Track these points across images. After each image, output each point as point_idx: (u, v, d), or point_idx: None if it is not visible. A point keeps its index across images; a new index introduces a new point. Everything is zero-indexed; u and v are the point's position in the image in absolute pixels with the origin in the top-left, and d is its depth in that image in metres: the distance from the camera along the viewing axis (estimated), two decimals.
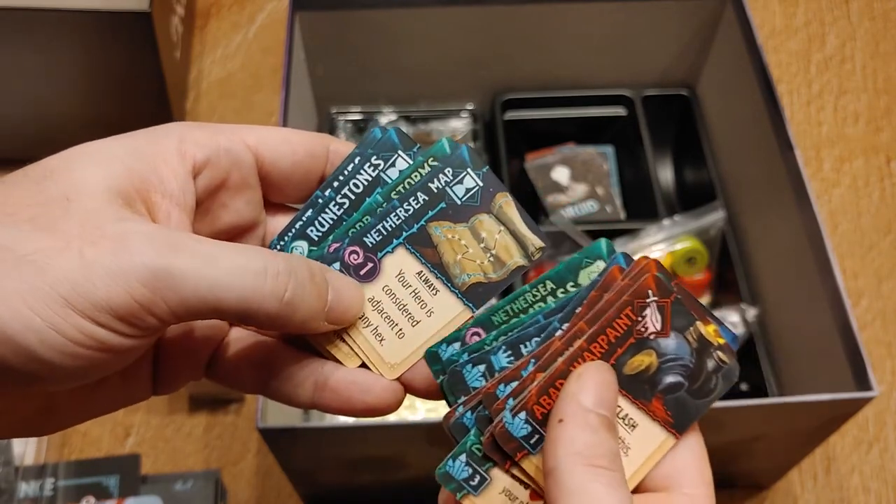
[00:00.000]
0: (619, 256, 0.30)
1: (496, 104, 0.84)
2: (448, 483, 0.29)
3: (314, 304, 0.28)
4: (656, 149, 0.83)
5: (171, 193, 0.28)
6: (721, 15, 0.79)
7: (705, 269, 0.77)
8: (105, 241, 0.24)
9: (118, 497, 0.66)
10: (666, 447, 0.30)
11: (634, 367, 0.29)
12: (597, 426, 0.27)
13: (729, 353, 0.30)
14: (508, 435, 0.28)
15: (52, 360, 0.24)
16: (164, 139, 0.28)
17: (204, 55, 0.94)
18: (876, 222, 0.86)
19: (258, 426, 0.54)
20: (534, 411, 0.28)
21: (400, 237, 0.31)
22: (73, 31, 0.73)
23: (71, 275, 0.24)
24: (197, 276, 0.25)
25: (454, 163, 0.31)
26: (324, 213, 0.32)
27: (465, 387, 0.30)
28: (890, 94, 0.94)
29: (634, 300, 0.29)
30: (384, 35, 0.78)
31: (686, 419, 0.30)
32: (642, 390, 0.30)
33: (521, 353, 0.30)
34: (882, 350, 0.79)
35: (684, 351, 0.30)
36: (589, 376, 0.28)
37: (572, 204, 0.81)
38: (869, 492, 0.73)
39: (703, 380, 0.30)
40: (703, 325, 0.30)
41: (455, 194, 0.31)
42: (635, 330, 0.29)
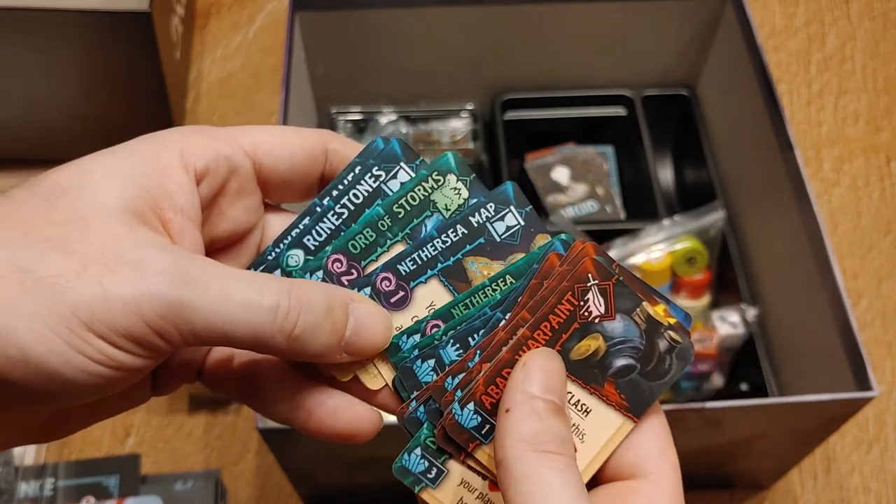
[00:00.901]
0: (557, 242, 0.30)
1: (496, 104, 0.84)
2: (405, 477, 0.30)
3: (327, 340, 0.28)
4: (656, 149, 0.83)
5: (181, 209, 0.28)
6: (721, 15, 0.79)
7: (705, 269, 0.77)
8: (123, 270, 0.25)
9: (118, 497, 0.66)
10: (624, 431, 0.30)
11: (581, 352, 0.29)
12: (543, 412, 0.27)
13: (681, 332, 0.30)
14: (459, 427, 0.29)
15: (73, 378, 0.25)
16: (167, 153, 0.28)
17: (204, 55, 0.94)
18: (876, 222, 0.86)
19: (258, 426, 0.54)
20: (482, 402, 0.29)
21: (434, 268, 0.31)
22: (73, 31, 0.73)
23: (90, 300, 0.24)
24: (208, 310, 0.25)
25: (497, 198, 0.31)
26: (322, 223, 0.31)
27: (416, 381, 0.30)
28: (890, 94, 0.94)
29: (574, 285, 0.29)
30: (384, 35, 0.78)
31: (642, 402, 0.30)
32: (593, 375, 0.29)
33: (469, 345, 0.30)
34: (882, 350, 0.79)
35: (633, 333, 0.30)
36: (533, 363, 0.28)
37: (572, 204, 0.81)
38: (869, 492, 0.73)
39: (656, 361, 0.30)
40: (651, 306, 0.30)
41: (495, 231, 0.31)
42: (578, 315, 0.29)
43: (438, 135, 0.85)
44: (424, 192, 0.31)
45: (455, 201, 0.31)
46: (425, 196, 0.31)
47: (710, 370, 0.72)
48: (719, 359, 0.72)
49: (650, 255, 0.75)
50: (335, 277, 0.31)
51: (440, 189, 0.31)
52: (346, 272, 0.31)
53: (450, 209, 0.31)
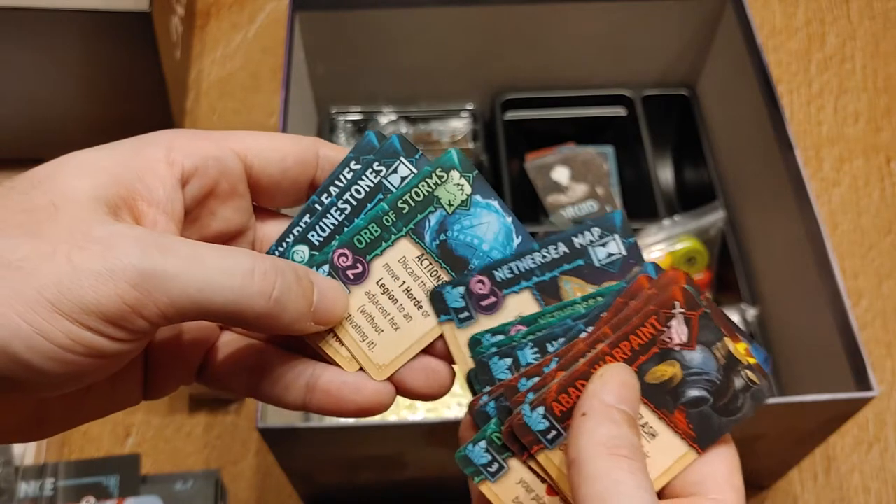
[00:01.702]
0: (649, 266, 0.30)
1: (496, 104, 0.84)
2: (467, 466, 0.30)
3: (300, 304, 0.28)
4: (656, 149, 0.83)
5: (157, 201, 0.28)
6: (721, 15, 0.79)
7: (705, 269, 0.77)
8: (92, 245, 0.24)
9: (118, 497, 0.66)
10: (686, 461, 0.30)
11: (657, 376, 0.29)
12: (619, 420, 0.27)
13: (759, 374, 0.30)
14: (526, 428, 0.29)
15: (40, 366, 0.24)
16: (152, 148, 0.28)
17: (204, 55, 0.94)
18: (876, 222, 0.86)
19: (258, 426, 0.54)
20: (552, 408, 0.29)
21: (529, 281, 0.31)
22: (73, 31, 0.73)
23: (58, 279, 0.24)
24: (185, 276, 0.25)
25: (604, 224, 0.31)
26: (325, 218, 0.32)
27: (490, 377, 0.31)
28: (890, 94, 0.94)
29: (660, 310, 0.29)
30: (384, 35, 0.78)
31: (709, 435, 0.30)
32: (664, 401, 0.30)
33: (547, 350, 0.30)
34: (882, 350, 0.79)
35: (710, 366, 0.30)
36: (611, 376, 0.28)
37: (572, 204, 0.81)
38: (869, 492, 0.73)
39: (730, 397, 0.30)
40: (733, 343, 0.30)
41: (596, 255, 0.31)
42: (659, 340, 0.29)
43: (438, 135, 0.85)
44: (428, 188, 0.31)
45: (458, 197, 0.31)
46: (429, 192, 0.31)
47: None
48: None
49: (650, 255, 0.75)
50: (341, 271, 0.31)
51: (444, 185, 0.31)
52: (351, 266, 0.31)
53: (453, 204, 0.31)
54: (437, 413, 0.70)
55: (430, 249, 0.32)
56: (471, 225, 0.32)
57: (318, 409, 0.31)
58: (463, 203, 0.31)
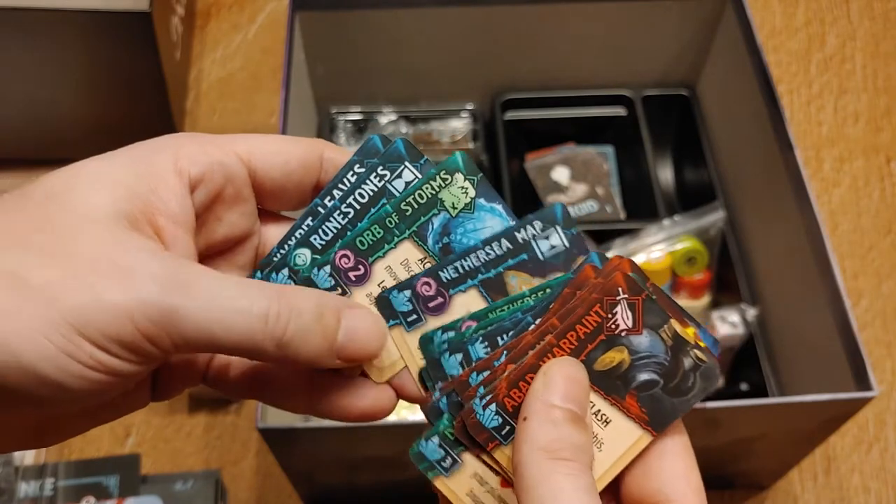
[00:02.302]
0: (594, 255, 0.31)
1: (496, 104, 0.84)
2: (420, 462, 0.30)
3: (317, 345, 0.28)
4: (656, 149, 0.83)
5: (173, 215, 0.28)
6: (721, 15, 0.79)
7: (705, 269, 0.77)
8: (114, 276, 0.25)
9: (118, 497, 0.66)
10: (642, 444, 0.30)
11: (606, 363, 0.30)
12: (560, 421, 0.28)
13: (707, 353, 0.30)
14: (480, 426, 0.29)
15: (65, 383, 0.25)
16: (160, 158, 0.28)
17: (204, 55, 0.94)
18: (876, 222, 0.86)
19: (258, 426, 0.54)
20: (504, 403, 0.29)
21: (475, 279, 0.31)
22: (73, 31, 0.73)
23: (82, 307, 0.24)
24: (199, 317, 0.26)
25: (545, 217, 0.31)
26: (328, 222, 0.32)
27: (442, 373, 0.31)
28: (890, 94, 0.94)
29: (604, 297, 0.29)
30: (384, 35, 0.78)
31: (663, 417, 0.30)
32: (615, 387, 0.30)
33: (498, 344, 0.30)
34: (882, 350, 0.79)
35: (658, 349, 0.30)
36: (555, 372, 0.29)
37: (572, 204, 0.81)
38: (869, 492, 0.73)
39: (680, 378, 0.30)
40: (681, 327, 0.30)
41: (539, 249, 0.31)
42: (605, 327, 0.30)
43: (438, 135, 0.85)
44: (432, 190, 0.31)
45: (462, 200, 0.31)
46: (433, 194, 0.31)
47: None
48: (719, 359, 0.72)
49: (650, 255, 0.75)
50: (342, 273, 0.31)
51: (447, 188, 0.31)
52: (353, 268, 0.31)
53: (457, 207, 0.31)
54: None
55: (433, 252, 0.31)
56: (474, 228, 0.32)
57: (322, 414, 0.31)
58: (467, 206, 0.31)
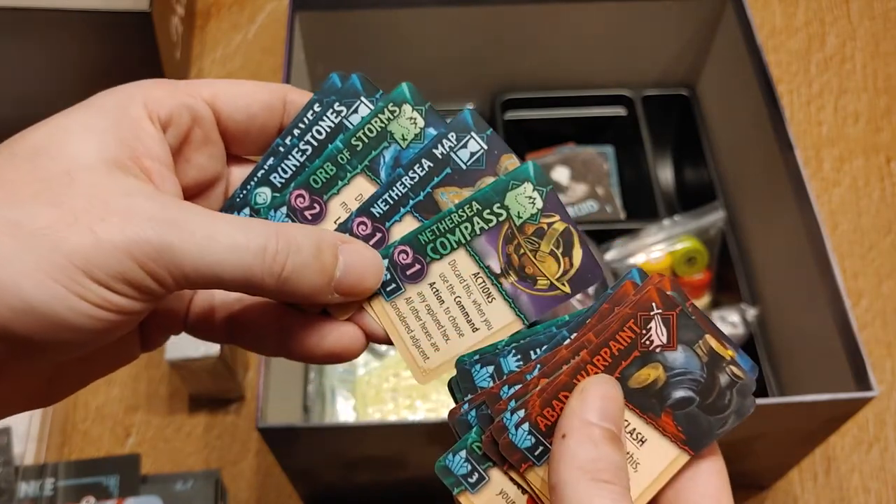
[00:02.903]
0: (634, 271, 0.30)
1: (496, 104, 0.84)
2: (446, 477, 0.29)
3: (315, 281, 0.28)
4: (656, 149, 0.83)
5: (157, 156, 0.29)
6: (721, 15, 0.79)
7: (705, 269, 0.77)
8: (112, 218, 0.25)
9: (118, 497, 0.66)
10: (679, 464, 0.29)
11: (641, 380, 0.29)
12: (599, 440, 0.27)
13: (743, 370, 0.30)
14: (513, 447, 0.28)
15: (78, 324, 0.25)
16: (133, 104, 0.29)
17: (204, 55, 0.94)
18: (876, 222, 0.86)
19: (258, 426, 0.54)
20: (537, 423, 0.28)
21: (407, 205, 0.31)
22: (73, 31, 0.73)
23: (84, 248, 0.25)
24: (197, 253, 0.26)
25: (457, 127, 0.31)
26: (287, 160, 0.32)
27: (472, 385, 0.30)
28: (890, 94, 0.94)
29: (637, 312, 0.29)
30: (384, 35, 0.78)
31: (699, 435, 0.29)
32: (650, 404, 0.29)
33: (531, 358, 0.30)
34: (882, 350, 0.79)
35: (694, 365, 0.29)
36: (591, 390, 0.28)
37: (572, 204, 0.81)
38: (869, 492, 0.73)
39: (716, 395, 0.29)
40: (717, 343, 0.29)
41: (460, 159, 0.31)
42: (640, 343, 0.29)
43: None
44: (381, 123, 0.31)
45: (412, 131, 0.31)
46: (382, 127, 0.31)
47: None
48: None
49: (650, 255, 0.75)
50: (298, 212, 0.31)
51: (396, 119, 0.31)
52: (308, 206, 0.31)
53: (406, 139, 0.31)
54: (436, 413, 0.70)
55: None
56: None
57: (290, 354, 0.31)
58: (416, 136, 0.31)
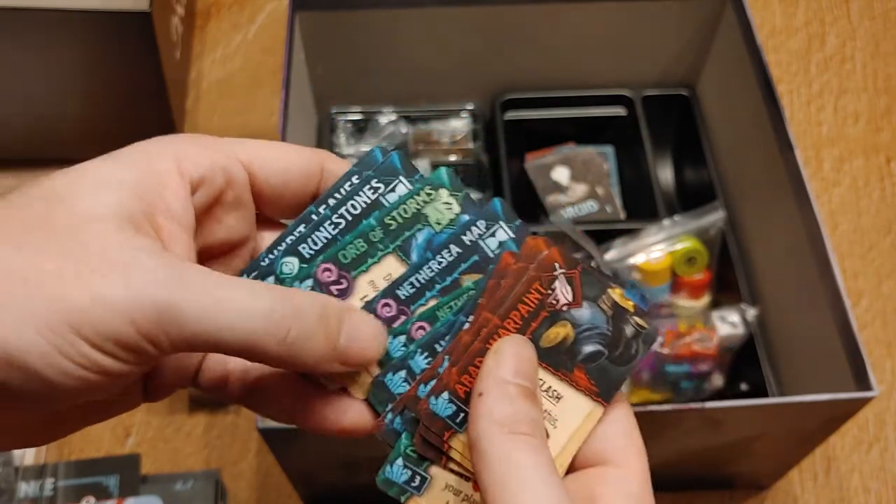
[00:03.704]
0: (509, 242, 0.31)
1: (496, 104, 0.84)
2: (390, 488, 0.30)
3: (320, 347, 0.28)
4: (656, 149, 0.83)
5: (175, 215, 0.28)
6: (721, 15, 0.79)
7: (705, 269, 0.77)
8: (115, 274, 0.25)
9: (118, 497, 0.66)
10: (595, 416, 0.30)
11: (551, 339, 0.30)
12: (515, 396, 0.28)
13: (645, 318, 0.31)
14: (434, 415, 0.29)
15: (57, 381, 0.25)
16: (163, 160, 0.28)
17: (204, 55, 0.94)
18: (876, 222, 0.86)
19: (258, 426, 0.54)
20: (456, 390, 0.29)
21: (433, 290, 0.31)
22: (73, 31, 0.73)
23: (80, 305, 0.24)
24: (200, 315, 0.25)
25: (488, 215, 0.31)
26: (318, 231, 0.31)
27: (389, 394, 0.30)
28: (890, 94, 0.94)
29: (541, 274, 0.30)
30: (384, 35, 0.78)
31: (610, 386, 0.30)
32: (562, 361, 0.30)
33: (436, 351, 0.30)
34: (882, 350, 0.79)
35: (600, 320, 0.30)
36: (505, 350, 0.29)
37: (572, 204, 0.81)
38: (869, 492, 0.73)
39: (624, 346, 0.31)
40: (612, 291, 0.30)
41: (488, 247, 0.31)
42: (547, 303, 0.30)
43: (438, 135, 0.85)
44: (417, 205, 0.31)
45: (446, 216, 0.31)
46: (417, 209, 0.31)
47: (710, 370, 0.72)
48: (719, 359, 0.72)
49: (650, 255, 0.75)
50: (324, 286, 0.31)
51: (432, 203, 0.31)
52: (335, 281, 0.31)
53: (441, 223, 0.31)
54: None
55: None
56: None
57: (303, 425, 0.31)
58: (451, 222, 0.31)
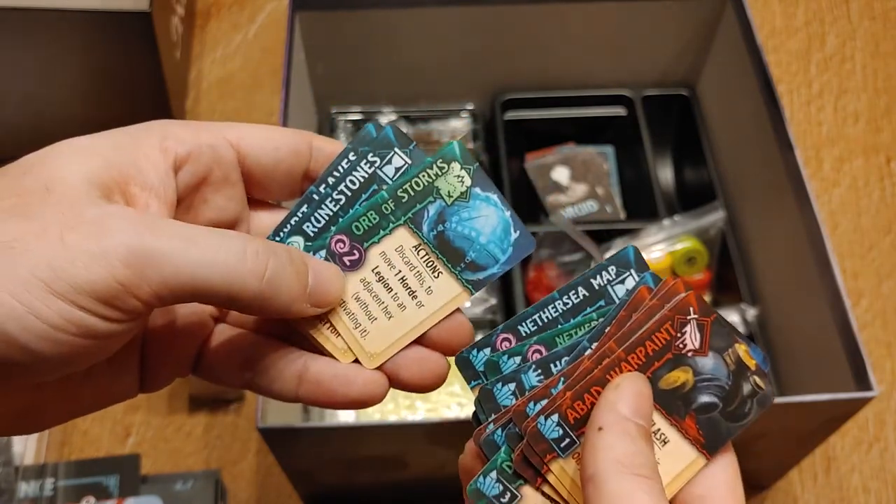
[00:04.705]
0: (647, 276, 0.30)
1: (496, 104, 0.84)
2: (479, 499, 0.29)
3: (294, 285, 0.28)
4: (656, 149, 0.83)
5: (150, 185, 0.28)
6: (721, 15, 0.79)
7: (705, 269, 0.77)
8: (84, 225, 0.25)
9: (118, 497, 0.66)
10: (696, 467, 0.30)
11: (670, 382, 0.29)
12: (635, 435, 0.27)
13: (764, 379, 0.30)
14: (540, 436, 0.29)
15: (34, 347, 0.24)
16: (147, 135, 0.28)
17: (204, 55, 0.94)
18: (876, 222, 0.86)
19: (258, 426, 0.54)
20: (566, 415, 0.29)
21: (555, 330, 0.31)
22: (73, 31, 0.73)
23: (51, 258, 0.24)
24: (178, 255, 0.25)
25: (619, 262, 0.31)
26: (320, 209, 0.32)
27: (495, 405, 0.30)
28: (890, 94, 0.94)
29: (675, 315, 0.29)
30: (384, 35, 0.78)
31: (717, 440, 0.30)
32: (676, 407, 0.30)
33: (552, 371, 0.30)
34: (882, 350, 0.79)
35: (721, 372, 0.30)
36: (626, 386, 0.28)
37: (572, 204, 0.81)
38: (869, 492, 0.73)
39: (738, 403, 0.30)
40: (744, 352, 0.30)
41: (615, 294, 0.31)
42: (674, 346, 0.29)
43: (438, 135, 0.85)
44: (428, 178, 0.31)
45: (458, 188, 0.31)
46: (429, 182, 0.31)
47: None
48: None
49: (650, 255, 0.75)
50: (337, 257, 0.31)
51: (444, 176, 0.31)
52: (348, 252, 0.31)
53: (452, 196, 0.31)
54: (436, 413, 0.70)
55: (428, 240, 0.32)
56: (469, 217, 0.32)
57: (309, 400, 0.31)
58: (462, 195, 0.32)
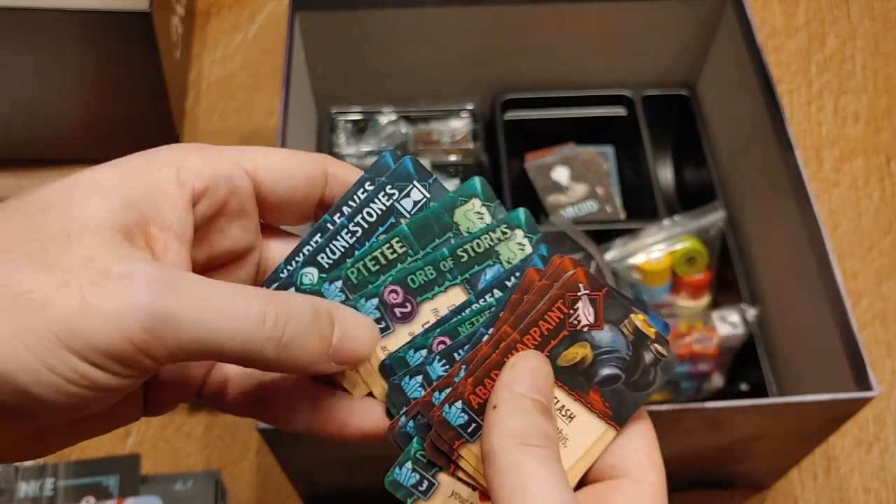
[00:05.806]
0: (535, 258, 0.31)
1: (496, 104, 0.84)
2: (397, 490, 0.30)
3: (314, 347, 0.28)
4: (656, 149, 0.83)
5: (169, 226, 0.27)
6: (721, 15, 0.79)
7: (705, 269, 0.77)
8: (106, 283, 0.24)
9: (118, 497, 0.66)
10: (606, 439, 0.30)
11: (569, 358, 0.30)
12: (530, 409, 0.28)
13: (665, 346, 0.31)
14: (446, 423, 0.29)
15: (45, 397, 0.24)
16: (162, 168, 0.28)
17: (204, 55, 0.94)
18: (876, 222, 0.86)
19: (258, 426, 0.54)
20: (469, 401, 0.29)
21: None
22: (73, 31, 0.73)
23: (69, 316, 0.24)
24: (195, 320, 0.25)
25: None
26: (335, 241, 0.31)
27: (405, 398, 0.31)
28: (890, 94, 0.94)
29: (565, 293, 0.30)
30: (384, 35, 0.78)
31: (625, 411, 0.31)
32: (578, 382, 0.30)
33: (455, 360, 0.30)
34: (882, 350, 0.79)
35: (620, 343, 0.30)
36: (522, 364, 0.29)
37: (572, 204, 0.81)
38: (869, 492, 0.73)
39: (641, 372, 0.31)
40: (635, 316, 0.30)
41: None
42: (568, 322, 0.30)
43: (438, 135, 0.85)
44: (491, 241, 0.31)
45: (518, 255, 0.32)
46: (491, 246, 0.31)
47: (710, 370, 0.72)
48: (719, 359, 0.72)
49: (650, 255, 0.75)
50: (389, 307, 0.31)
51: (506, 241, 0.32)
52: (401, 304, 0.31)
53: (511, 262, 0.32)
54: None
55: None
56: None
57: (321, 433, 0.31)
58: (522, 262, 0.32)
